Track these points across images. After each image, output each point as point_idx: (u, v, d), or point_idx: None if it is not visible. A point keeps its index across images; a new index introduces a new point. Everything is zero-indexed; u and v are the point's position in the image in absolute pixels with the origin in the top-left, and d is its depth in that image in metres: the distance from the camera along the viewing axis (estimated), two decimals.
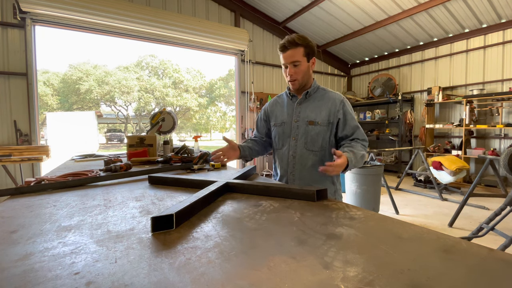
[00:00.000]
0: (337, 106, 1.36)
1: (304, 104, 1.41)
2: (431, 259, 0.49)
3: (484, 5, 4.87)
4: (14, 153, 3.65)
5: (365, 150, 1.31)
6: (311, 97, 1.41)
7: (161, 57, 23.38)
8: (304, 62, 1.31)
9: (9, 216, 0.76)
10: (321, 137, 1.36)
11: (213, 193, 0.90)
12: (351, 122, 1.35)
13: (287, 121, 1.43)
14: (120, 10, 4.64)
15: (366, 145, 1.34)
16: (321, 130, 1.36)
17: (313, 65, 1.36)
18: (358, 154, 1.24)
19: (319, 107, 1.37)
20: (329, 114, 1.35)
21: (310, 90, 1.40)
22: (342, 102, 1.37)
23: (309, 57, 1.33)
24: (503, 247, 2.33)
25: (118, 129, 24.54)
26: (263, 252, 0.53)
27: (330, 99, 1.37)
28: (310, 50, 1.31)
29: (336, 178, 1.41)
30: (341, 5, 5.60)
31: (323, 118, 1.35)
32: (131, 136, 2.08)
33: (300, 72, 1.32)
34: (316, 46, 7.55)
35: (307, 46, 1.30)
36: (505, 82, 5.29)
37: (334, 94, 1.40)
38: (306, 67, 1.33)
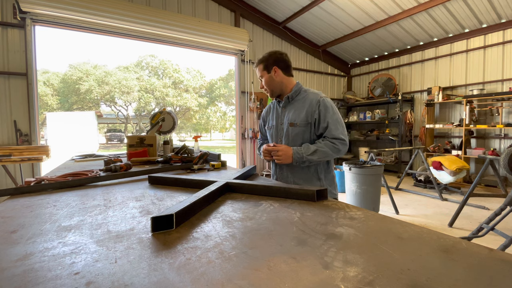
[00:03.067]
0: (314, 106, 1.45)
1: (288, 107, 1.55)
2: (431, 259, 0.49)
3: (484, 5, 4.87)
4: (14, 153, 3.65)
5: (330, 147, 1.39)
6: (294, 100, 1.54)
7: (161, 57, 23.39)
8: (265, 75, 1.52)
9: (9, 216, 0.76)
10: (300, 137, 1.48)
11: (213, 193, 0.90)
12: (323, 122, 1.43)
13: (275, 124, 1.60)
14: (120, 10, 4.64)
15: (338, 143, 1.40)
16: (300, 130, 1.48)
17: (276, 73, 1.50)
18: (312, 148, 1.40)
19: (299, 109, 1.49)
20: (307, 114, 1.46)
21: (291, 94, 1.53)
22: (318, 102, 1.44)
23: (268, 69, 1.51)
24: (503, 247, 2.33)
25: (118, 129, 24.54)
26: (263, 252, 0.53)
27: (309, 100, 1.48)
28: (267, 63, 1.51)
29: (323, 174, 1.50)
30: (341, 5, 5.60)
31: (302, 119, 1.47)
32: (131, 136, 2.08)
33: (265, 83, 1.53)
34: (316, 46, 7.65)
35: (263, 61, 1.52)
36: (505, 82, 5.29)
37: (313, 95, 1.49)
38: (267, 77, 1.52)
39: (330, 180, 1.53)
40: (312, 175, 1.49)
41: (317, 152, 1.39)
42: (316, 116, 1.44)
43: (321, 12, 6.03)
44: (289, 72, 1.55)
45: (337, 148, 1.40)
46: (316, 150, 1.39)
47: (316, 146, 1.40)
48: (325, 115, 1.42)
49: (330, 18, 6.19)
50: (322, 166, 1.50)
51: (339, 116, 1.46)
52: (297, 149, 1.41)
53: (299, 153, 1.39)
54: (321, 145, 1.39)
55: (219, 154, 1.78)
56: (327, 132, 1.42)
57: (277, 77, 1.50)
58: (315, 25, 6.62)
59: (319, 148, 1.39)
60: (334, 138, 1.41)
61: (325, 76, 8.01)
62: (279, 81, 1.51)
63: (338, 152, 1.41)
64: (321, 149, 1.39)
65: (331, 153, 1.40)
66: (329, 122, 1.41)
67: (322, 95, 1.48)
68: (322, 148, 1.39)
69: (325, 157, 1.40)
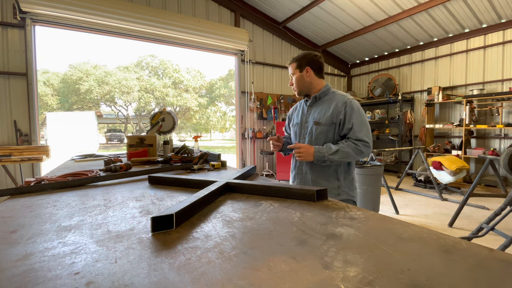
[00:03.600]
0: (340, 107, 1.46)
1: (314, 106, 1.58)
2: (431, 259, 0.49)
3: (484, 5, 4.87)
4: (14, 153, 3.65)
5: (352, 148, 1.40)
6: (321, 100, 1.57)
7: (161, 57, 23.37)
8: (297, 73, 1.55)
9: (9, 216, 0.76)
10: (324, 135, 1.49)
11: (213, 193, 0.90)
12: (348, 123, 1.44)
13: (299, 122, 1.63)
14: (120, 10, 4.64)
15: (361, 145, 1.40)
16: (324, 129, 1.49)
17: (308, 73, 1.54)
18: (334, 148, 1.41)
19: (325, 109, 1.51)
20: (333, 114, 1.47)
21: (319, 94, 1.56)
22: (345, 104, 1.45)
23: (301, 68, 1.54)
24: (503, 247, 2.33)
25: (118, 129, 24.54)
26: (263, 252, 0.53)
27: (335, 101, 1.49)
28: (301, 62, 1.54)
29: (342, 174, 1.50)
30: (341, 5, 5.60)
31: (327, 118, 1.48)
32: (131, 136, 2.08)
33: (295, 81, 1.57)
34: (316, 46, 7.65)
35: (298, 60, 1.55)
36: (505, 82, 5.29)
37: (340, 96, 1.50)
38: (298, 76, 1.55)
39: (349, 181, 1.53)
40: (331, 174, 1.49)
41: (339, 152, 1.39)
42: (341, 116, 1.45)
43: (321, 12, 6.03)
44: (320, 74, 1.58)
45: (359, 149, 1.40)
46: (338, 150, 1.39)
47: (338, 146, 1.41)
48: (350, 116, 1.43)
49: (330, 18, 6.19)
50: (343, 167, 1.50)
51: (365, 118, 1.47)
52: (319, 148, 1.42)
53: (321, 152, 1.40)
54: (343, 146, 1.40)
55: (219, 154, 1.78)
56: (351, 133, 1.43)
57: (307, 77, 1.54)
58: (315, 25, 6.63)
59: (341, 149, 1.39)
60: (357, 140, 1.41)
61: (325, 76, 7.99)
62: (309, 81, 1.55)
63: (361, 154, 1.41)
64: (343, 149, 1.39)
65: (353, 154, 1.40)
66: (354, 123, 1.42)
67: (350, 97, 1.50)
68: (344, 148, 1.39)
69: (346, 157, 1.40)
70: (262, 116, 6.71)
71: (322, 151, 1.40)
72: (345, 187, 1.50)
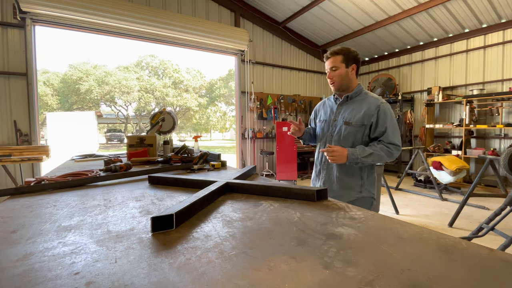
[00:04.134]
0: (372, 110, 1.47)
1: (345, 106, 1.57)
2: (431, 259, 0.49)
3: (484, 5, 4.87)
4: (14, 153, 3.65)
5: (385, 151, 1.43)
6: (352, 100, 1.56)
7: (161, 57, 23.38)
8: (342, 68, 1.50)
9: (9, 216, 0.76)
10: (352, 136, 1.50)
11: (213, 193, 0.90)
12: (381, 126, 1.46)
13: (328, 120, 1.62)
14: (120, 10, 4.64)
15: (393, 148, 1.44)
16: (353, 130, 1.50)
17: (353, 71, 1.52)
18: (368, 151, 1.41)
19: (356, 110, 1.51)
20: (364, 116, 1.48)
21: (352, 94, 1.55)
22: (377, 108, 1.47)
23: (348, 64, 1.50)
24: (503, 247, 2.33)
25: (118, 129, 24.53)
26: (263, 252, 0.53)
27: (368, 103, 1.50)
28: (348, 57, 1.50)
29: (366, 174, 1.53)
30: (341, 5, 5.60)
31: (358, 119, 1.49)
32: (131, 136, 2.08)
33: (338, 76, 1.51)
34: (316, 46, 7.65)
35: (345, 54, 1.49)
36: (505, 82, 5.29)
37: (373, 99, 1.51)
38: (344, 71, 1.50)
39: (371, 180, 1.56)
40: (356, 173, 1.52)
41: (372, 155, 1.42)
42: (373, 120, 1.47)
43: (321, 12, 6.03)
44: (358, 74, 1.59)
45: (391, 153, 1.44)
46: (372, 153, 1.41)
47: (372, 149, 1.42)
48: (384, 121, 1.45)
49: (330, 18, 6.19)
50: (367, 166, 1.52)
51: (396, 122, 1.50)
52: (353, 151, 1.42)
53: (355, 155, 1.41)
54: (377, 149, 1.43)
55: (219, 154, 1.78)
56: (384, 137, 1.45)
57: (352, 74, 1.53)
58: (315, 25, 6.63)
59: (375, 152, 1.42)
60: (390, 143, 1.44)
61: (325, 76, 8.00)
62: (351, 78, 1.53)
63: (391, 157, 1.46)
64: (376, 152, 1.42)
65: (385, 157, 1.44)
66: (387, 127, 1.45)
67: (383, 100, 1.51)
68: (377, 151, 1.42)
69: (378, 160, 1.43)
70: (262, 116, 6.71)
71: (355, 154, 1.41)
72: (368, 185, 1.54)
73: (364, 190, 1.52)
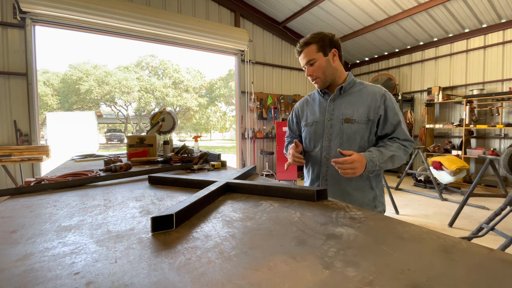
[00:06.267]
0: (378, 101, 1.21)
1: (339, 100, 1.29)
2: (431, 259, 0.49)
3: (484, 5, 4.87)
4: (14, 153, 3.65)
5: (402, 150, 1.18)
6: (347, 92, 1.29)
7: (161, 57, 23.40)
8: (320, 58, 1.23)
9: (9, 216, 0.76)
10: (359, 136, 1.22)
11: (213, 193, 0.90)
12: (393, 119, 1.20)
13: (319, 120, 1.32)
14: (120, 10, 4.64)
15: (408, 145, 1.20)
16: (359, 128, 1.22)
17: (335, 57, 1.25)
18: (386, 154, 1.13)
19: (356, 103, 1.24)
20: (369, 110, 1.21)
21: (345, 85, 1.27)
22: (383, 96, 1.22)
23: (325, 51, 1.23)
24: (503, 247, 2.33)
25: (118, 129, 24.54)
26: (263, 252, 0.53)
27: (370, 94, 1.23)
28: (324, 43, 1.23)
29: (375, 182, 1.27)
30: (341, 5, 5.60)
31: (361, 115, 1.22)
32: (131, 136, 2.08)
33: (319, 69, 1.24)
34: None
35: (319, 41, 1.23)
36: (505, 82, 5.29)
37: (374, 88, 1.26)
38: (324, 62, 1.24)
39: (380, 189, 1.30)
40: (365, 183, 1.25)
41: (393, 158, 1.14)
42: (381, 112, 1.20)
43: (321, 12, 6.03)
44: (342, 60, 1.31)
45: (407, 151, 1.19)
46: (393, 155, 1.14)
47: (390, 151, 1.14)
48: (394, 112, 1.20)
49: (330, 18, 6.19)
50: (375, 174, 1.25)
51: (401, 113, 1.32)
52: (370, 156, 1.11)
53: (373, 161, 1.10)
54: (394, 149, 1.15)
55: (219, 154, 1.78)
56: (397, 133, 1.20)
57: (334, 62, 1.26)
58: (315, 25, 6.62)
59: (395, 153, 1.14)
60: (405, 140, 1.20)
61: None
62: (335, 67, 1.27)
63: (407, 154, 1.21)
64: (396, 153, 1.14)
65: (403, 157, 1.18)
66: (400, 120, 1.20)
67: (383, 87, 1.27)
68: (397, 152, 1.15)
69: (398, 163, 1.17)
70: (262, 116, 6.71)
71: (374, 160, 1.10)
72: (380, 196, 1.28)
73: (379, 204, 1.27)
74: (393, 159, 1.14)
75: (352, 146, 1.22)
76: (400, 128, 1.20)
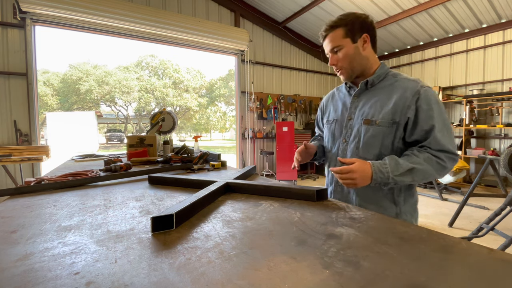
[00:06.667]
0: (408, 100, 0.98)
1: (364, 96, 1.09)
2: (431, 259, 0.49)
3: (484, 5, 4.87)
4: (14, 153, 3.65)
5: (433, 163, 0.93)
6: (375, 87, 1.08)
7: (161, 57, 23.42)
8: (347, 45, 1.04)
9: (9, 216, 0.76)
10: (378, 141, 1.02)
11: (213, 193, 0.90)
12: (424, 124, 0.96)
13: (339, 118, 1.16)
14: (120, 10, 4.64)
15: (446, 158, 0.94)
16: (380, 132, 1.01)
17: (366, 44, 1.06)
18: (405, 165, 0.92)
19: (382, 101, 1.03)
20: (395, 110, 0.99)
21: (374, 77, 1.07)
22: (416, 94, 0.98)
23: (354, 36, 1.04)
24: (503, 247, 2.33)
25: (118, 129, 24.55)
26: (263, 252, 0.53)
27: (400, 90, 1.01)
28: (354, 27, 1.04)
29: (402, 197, 1.04)
30: (341, 5, 5.60)
31: (385, 116, 1.00)
32: (131, 136, 2.08)
33: (345, 58, 1.05)
34: (316, 46, 7.65)
35: (348, 24, 1.04)
36: (505, 82, 5.29)
37: (408, 82, 1.02)
38: (351, 49, 1.04)
39: (411, 205, 1.05)
40: (385, 196, 1.03)
41: (414, 172, 0.93)
42: (411, 114, 0.98)
43: (321, 12, 6.03)
44: (376, 46, 1.11)
45: (443, 166, 0.95)
46: (413, 169, 0.92)
47: (411, 162, 0.93)
48: (428, 115, 0.96)
49: (330, 18, 6.17)
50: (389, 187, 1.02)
51: (446, 116, 0.99)
52: (379, 165, 0.94)
53: (383, 171, 0.92)
54: (419, 161, 0.93)
55: (219, 154, 1.78)
56: (430, 141, 0.96)
57: (365, 49, 1.06)
58: (315, 25, 6.63)
59: (416, 166, 0.92)
60: (440, 151, 0.95)
61: (325, 76, 8.01)
62: (366, 56, 1.07)
63: (444, 172, 0.96)
64: (419, 167, 0.93)
65: (434, 173, 0.95)
66: (434, 125, 0.95)
67: (423, 83, 1.01)
68: (421, 165, 0.93)
69: (423, 179, 0.95)
70: (262, 116, 6.71)
71: (384, 170, 0.93)
72: (406, 214, 1.03)
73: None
74: (414, 173, 0.93)
75: (369, 152, 1.04)
76: (434, 136, 0.95)
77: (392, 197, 1.03)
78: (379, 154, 1.03)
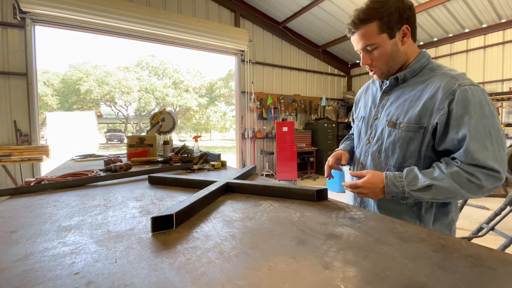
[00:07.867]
0: (438, 101, 0.82)
1: (394, 93, 0.95)
2: (431, 259, 0.49)
3: (484, 5, 4.87)
4: (14, 153, 3.65)
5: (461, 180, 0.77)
6: (407, 83, 0.92)
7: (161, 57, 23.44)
8: (383, 42, 0.87)
9: (9, 216, 0.76)
10: (403, 147, 0.89)
11: (213, 193, 0.90)
12: (455, 132, 0.80)
13: (367, 116, 1.04)
14: (120, 10, 4.64)
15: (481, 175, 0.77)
16: (404, 137, 0.88)
17: (405, 38, 0.88)
18: (423, 181, 0.80)
19: (411, 100, 0.89)
20: (423, 113, 0.85)
21: (406, 72, 0.91)
22: (450, 95, 0.80)
23: (392, 30, 0.86)
24: (503, 247, 2.33)
25: (118, 129, 24.56)
26: (263, 252, 0.53)
27: (432, 89, 0.84)
28: (391, 19, 0.84)
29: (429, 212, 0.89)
30: (341, 5, 5.60)
31: (411, 119, 0.87)
32: (131, 136, 2.08)
33: (382, 57, 0.89)
34: (316, 46, 7.66)
35: (382, 18, 0.84)
36: (505, 82, 5.29)
37: (444, 79, 0.84)
38: (389, 46, 0.87)
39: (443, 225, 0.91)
40: (410, 209, 0.91)
41: (433, 189, 0.79)
42: (439, 119, 0.81)
43: (321, 12, 6.03)
44: (415, 36, 0.91)
45: (477, 185, 0.77)
46: (432, 186, 0.79)
47: (431, 178, 0.80)
48: (461, 121, 0.79)
49: (330, 18, 6.19)
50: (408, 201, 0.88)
51: (493, 122, 0.82)
52: (394, 178, 0.84)
53: (397, 185, 0.83)
54: (442, 176, 0.79)
55: (219, 154, 1.78)
56: (461, 153, 0.79)
57: (404, 43, 0.89)
58: (315, 25, 6.63)
59: (436, 183, 0.79)
60: (475, 166, 0.77)
61: (325, 76, 8.02)
62: (404, 51, 0.90)
63: (479, 191, 0.79)
64: (440, 184, 0.78)
65: (463, 192, 0.78)
66: (467, 134, 0.78)
67: (464, 81, 0.82)
68: (442, 182, 0.78)
69: (448, 198, 0.81)
70: (262, 116, 6.71)
71: (399, 184, 0.82)
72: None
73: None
74: (433, 190, 0.79)
75: (390, 159, 0.92)
76: (466, 147, 0.78)
77: (418, 212, 0.89)
78: (402, 162, 0.90)
